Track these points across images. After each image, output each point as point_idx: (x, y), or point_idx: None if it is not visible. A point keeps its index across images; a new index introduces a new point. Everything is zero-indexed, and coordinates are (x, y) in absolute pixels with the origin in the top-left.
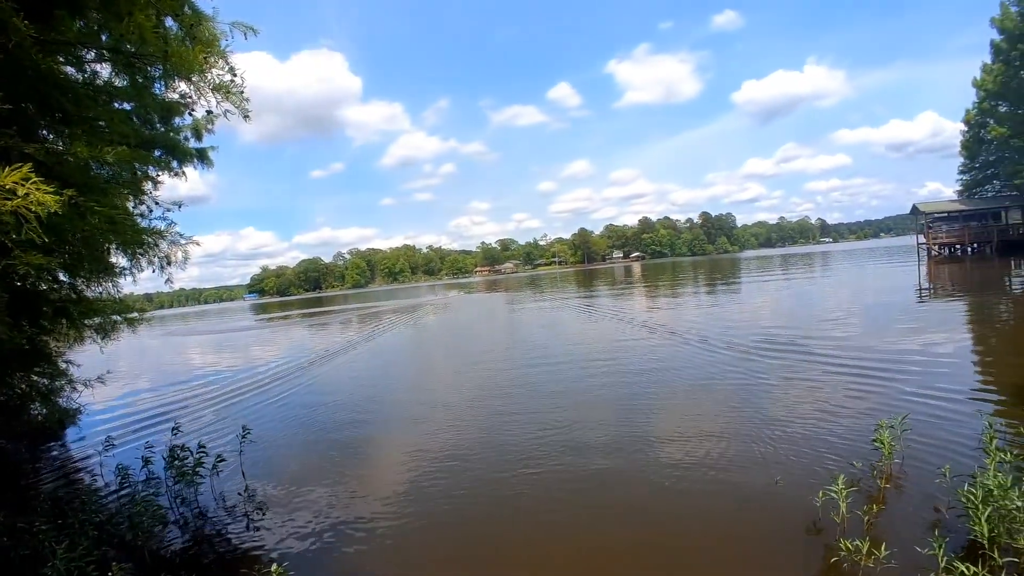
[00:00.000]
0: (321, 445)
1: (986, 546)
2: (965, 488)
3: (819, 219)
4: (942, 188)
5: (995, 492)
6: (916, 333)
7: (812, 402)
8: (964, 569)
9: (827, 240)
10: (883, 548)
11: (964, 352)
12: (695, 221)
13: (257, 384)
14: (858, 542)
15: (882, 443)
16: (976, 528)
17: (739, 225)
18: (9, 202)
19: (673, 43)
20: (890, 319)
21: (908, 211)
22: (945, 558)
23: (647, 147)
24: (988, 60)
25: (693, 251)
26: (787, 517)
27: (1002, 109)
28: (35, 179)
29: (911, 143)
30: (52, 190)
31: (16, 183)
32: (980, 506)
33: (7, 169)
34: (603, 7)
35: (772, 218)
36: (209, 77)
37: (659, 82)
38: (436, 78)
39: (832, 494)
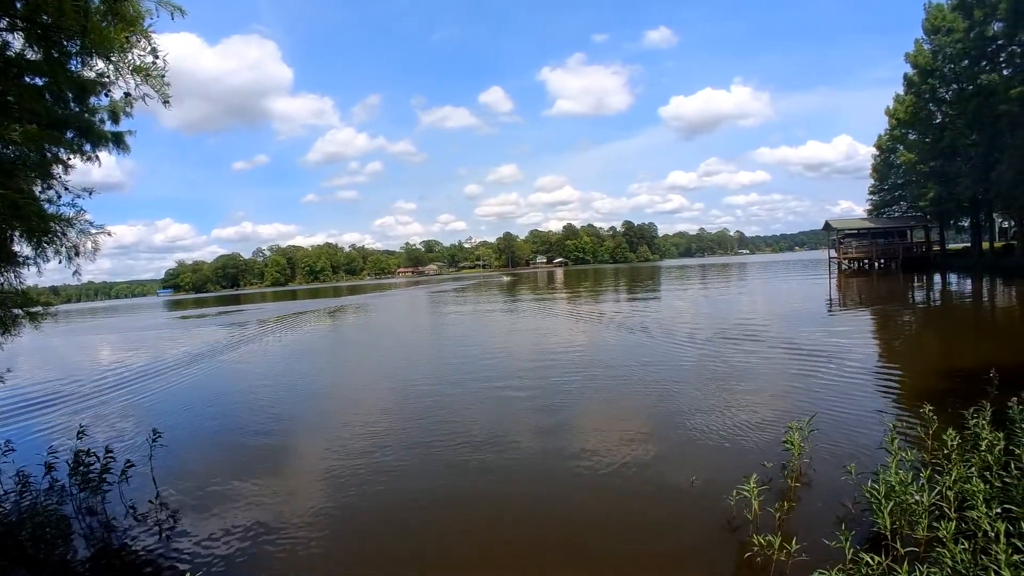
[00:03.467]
0: (236, 448)
1: (889, 537)
2: (869, 484)
3: (738, 231)
4: (854, 206)
5: (897, 488)
6: (825, 340)
7: (726, 404)
8: (869, 559)
9: (744, 252)
10: (794, 542)
11: (869, 357)
12: (618, 229)
13: (168, 385)
14: (770, 537)
15: (792, 443)
16: (880, 521)
17: (660, 235)
18: None
19: (607, 55)
20: (800, 329)
21: (821, 227)
22: (852, 550)
23: (575, 155)
24: (901, 91)
25: (615, 259)
26: (703, 515)
27: (911, 137)
28: None
29: (827, 163)
30: None
31: None
32: (883, 501)
33: None
34: (540, 15)
35: (693, 229)
36: (130, 58)
37: (590, 92)
38: (368, 74)
39: (744, 493)
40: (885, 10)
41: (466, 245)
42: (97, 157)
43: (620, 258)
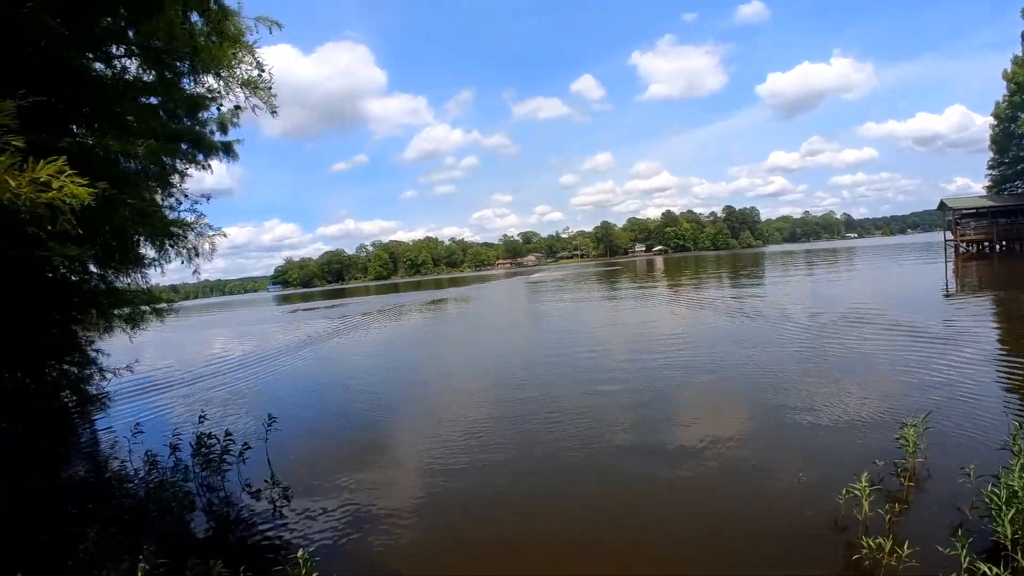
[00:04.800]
0: (341, 433)
1: (1009, 547)
2: (989, 488)
3: (844, 214)
4: (971, 184)
5: (1020, 493)
6: (942, 328)
7: (835, 395)
8: (987, 570)
9: (852, 235)
10: (905, 547)
11: (991, 347)
12: (718, 215)
13: (278, 372)
14: (880, 540)
15: (906, 440)
16: (1000, 529)
17: (763, 219)
18: (44, 194)
19: (697, 35)
20: (915, 316)
21: (936, 207)
22: (968, 558)
23: (670, 140)
24: (1019, 52)
25: (716, 245)
26: (808, 513)
27: None
28: (69, 172)
29: (939, 137)
30: (85, 183)
31: (50, 176)
32: (1004, 507)
33: (41, 162)
34: None
35: (796, 212)
36: (237, 72)
37: (683, 74)
38: (459, 70)
39: (855, 492)
40: None
41: (563, 235)
42: (209, 166)
43: (721, 244)
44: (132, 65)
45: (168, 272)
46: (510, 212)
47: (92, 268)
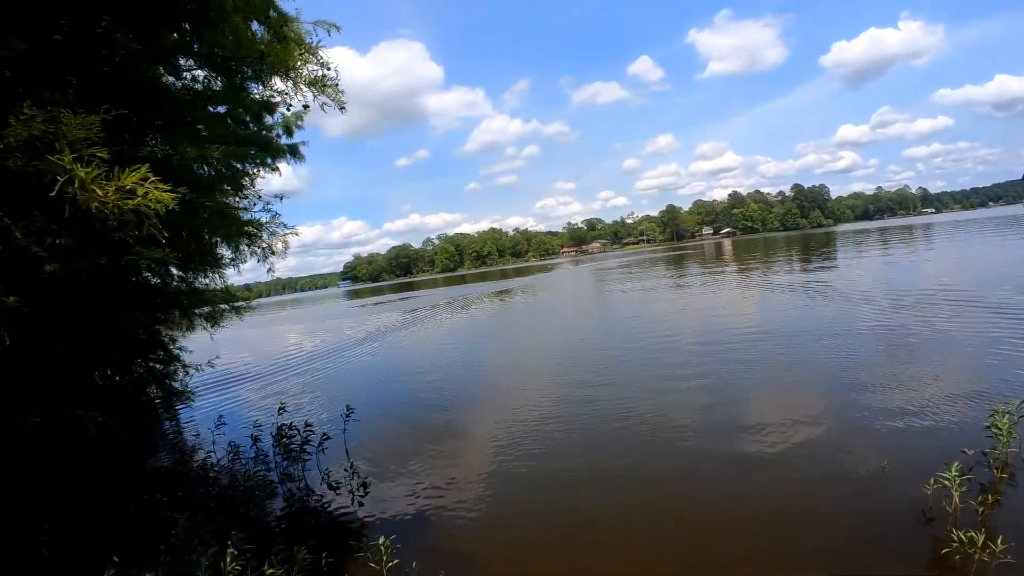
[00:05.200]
0: (413, 421)
1: None
2: None
3: (920, 188)
4: None
5: None
6: None
7: (920, 380)
8: None
9: (929, 211)
10: (999, 542)
11: None
12: (787, 194)
13: (351, 364)
14: (972, 534)
15: (998, 429)
16: None
17: (834, 197)
18: (130, 201)
19: (755, 8)
20: (1002, 296)
21: (1019, 177)
22: None
23: (733, 119)
24: None
25: (785, 225)
26: (893, 505)
27: None
28: (153, 179)
29: (1020, 100)
30: (168, 188)
31: (135, 183)
32: None
33: (127, 171)
34: None
35: (869, 188)
36: (304, 72)
37: (742, 50)
38: (515, 59)
39: (944, 482)
40: None
41: (628, 221)
42: (277, 168)
43: (791, 225)
44: (200, 74)
45: (242, 271)
46: (573, 199)
47: (173, 270)
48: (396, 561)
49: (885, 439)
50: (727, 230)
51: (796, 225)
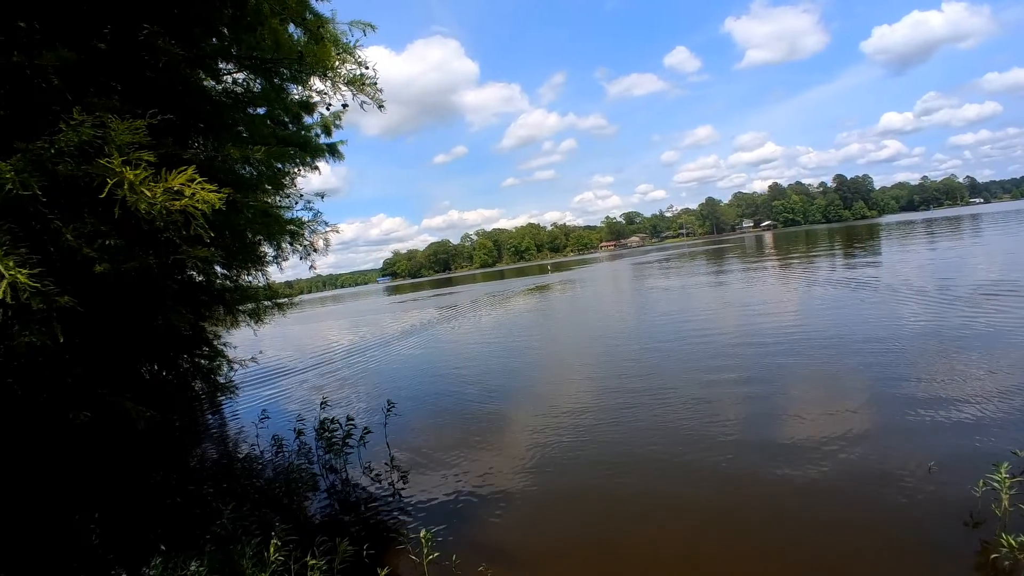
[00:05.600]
0: (453, 415)
1: None
2: None
3: (967, 177)
4: None
5: None
6: None
7: (969, 378)
8: None
9: (978, 200)
10: None
11: None
12: (829, 185)
13: (392, 358)
14: (1022, 538)
15: None
16: None
17: (877, 187)
18: (178, 202)
19: None
20: None
21: None
22: None
23: (773, 108)
24: None
25: (828, 218)
26: (938, 507)
27: None
28: (199, 180)
29: None
30: (214, 189)
31: (183, 184)
32: None
33: (174, 172)
34: None
35: (914, 178)
36: (342, 72)
37: (781, 37)
38: (550, 53)
39: (993, 484)
40: None
41: (667, 214)
42: (316, 167)
43: (833, 216)
44: (240, 77)
45: (284, 268)
46: (611, 193)
47: (218, 268)
48: (437, 554)
49: (933, 437)
50: (768, 223)
51: (839, 217)
